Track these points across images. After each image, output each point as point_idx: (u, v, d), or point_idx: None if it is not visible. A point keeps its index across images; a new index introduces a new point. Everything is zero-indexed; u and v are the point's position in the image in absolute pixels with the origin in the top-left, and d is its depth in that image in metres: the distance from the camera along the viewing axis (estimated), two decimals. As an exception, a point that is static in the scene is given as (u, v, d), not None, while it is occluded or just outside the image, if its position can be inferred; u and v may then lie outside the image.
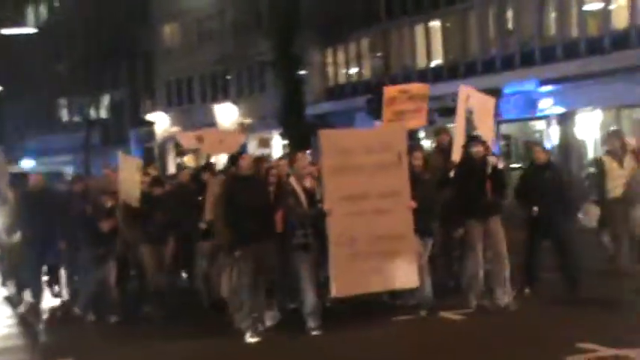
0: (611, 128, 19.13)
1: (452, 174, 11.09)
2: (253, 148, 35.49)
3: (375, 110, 27.54)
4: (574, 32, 29.17)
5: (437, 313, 10.71)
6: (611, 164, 11.82)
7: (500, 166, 11.34)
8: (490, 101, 12.03)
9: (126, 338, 11.03)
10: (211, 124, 38.45)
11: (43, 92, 52.51)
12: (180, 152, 41.20)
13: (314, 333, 10.19)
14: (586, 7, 28.67)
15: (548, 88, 28.72)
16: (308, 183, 10.53)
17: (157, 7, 50.79)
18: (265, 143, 37.61)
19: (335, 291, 10.20)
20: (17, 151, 35.44)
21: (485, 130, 11.46)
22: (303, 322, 10.32)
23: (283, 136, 38.63)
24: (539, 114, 29.44)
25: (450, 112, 12.64)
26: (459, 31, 33.55)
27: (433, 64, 34.73)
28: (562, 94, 28.39)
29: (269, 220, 10.50)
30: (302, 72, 38.89)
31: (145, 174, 12.56)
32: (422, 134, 28.66)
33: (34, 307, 13.07)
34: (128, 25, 48.09)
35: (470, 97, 11.56)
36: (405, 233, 10.35)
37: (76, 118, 57.73)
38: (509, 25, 31.78)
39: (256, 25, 40.43)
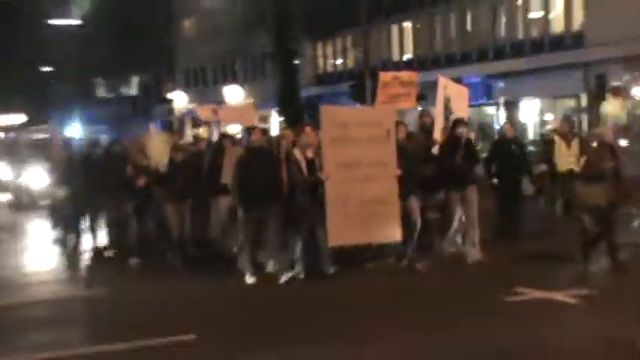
0: (564, 114, 18.87)
1: (435, 150, 10.71)
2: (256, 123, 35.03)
3: (356, 94, 27.27)
4: (520, 34, 28.91)
5: (402, 261, 10.40)
6: (560, 143, 11.55)
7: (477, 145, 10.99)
8: (464, 90, 11.74)
9: (151, 277, 10.98)
10: (221, 102, 38.14)
11: (84, 73, 52.30)
12: (196, 124, 40.75)
13: (300, 276, 10.05)
14: (530, 15, 28.45)
15: (498, 80, 28.48)
16: (310, 153, 10.15)
17: (179, 4, 50.36)
18: (265, 120, 37.37)
19: (331, 241, 9.92)
20: (65, 122, 35.16)
21: (462, 113, 11.13)
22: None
23: (280, 114, 38.26)
24: (490, 101, 29.23)
25: (419, 97, 12.19)
26: (427, 31, 33.20)
27: (405, 57, 34.37)
28: (509, 86, 28.17)
29: (276, 186, 10.11)
30: (296, 62, 38.48)
31: (173, 141, 12.25)
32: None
33: (77, 248, 13.20)
34: (155, 18, 47.72)
35: (447, 86, 11.24)
36: (389, 199, 9.99)
37: (110, 95, 57.53)
38: (468, 27, 31.45)
39: (260, 23, 39.86)
